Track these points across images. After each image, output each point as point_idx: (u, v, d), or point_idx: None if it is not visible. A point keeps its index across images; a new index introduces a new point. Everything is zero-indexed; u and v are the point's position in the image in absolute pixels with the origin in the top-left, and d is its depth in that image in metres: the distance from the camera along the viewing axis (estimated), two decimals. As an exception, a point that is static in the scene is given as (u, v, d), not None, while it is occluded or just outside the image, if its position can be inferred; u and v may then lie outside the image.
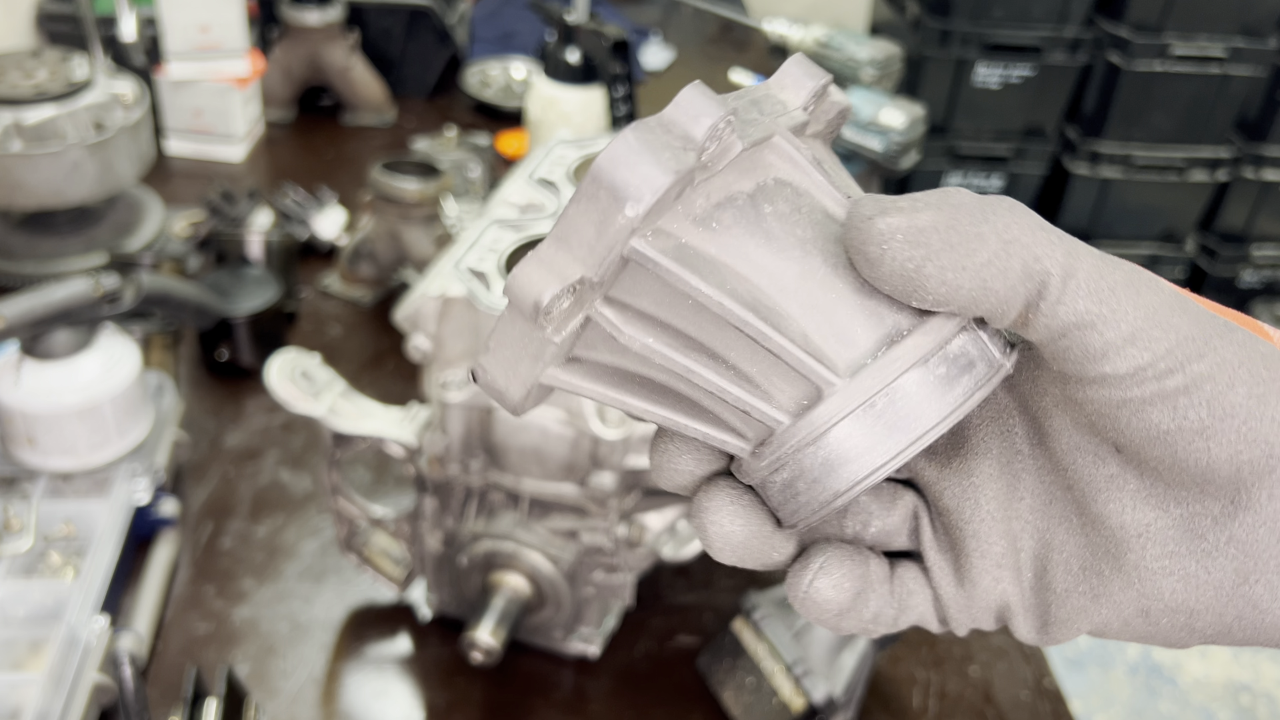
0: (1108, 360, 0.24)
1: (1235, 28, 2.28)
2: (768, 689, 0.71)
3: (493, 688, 0.75)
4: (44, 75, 1.05)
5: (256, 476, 0.90)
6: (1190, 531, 0.25)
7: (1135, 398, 0.24)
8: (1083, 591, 0.27)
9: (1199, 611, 0.26)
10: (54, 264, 1.09)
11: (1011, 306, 0.24)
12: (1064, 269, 0.24)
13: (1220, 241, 2.58)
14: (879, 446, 0.24)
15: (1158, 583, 0.26)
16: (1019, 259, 0.24)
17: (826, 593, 0.27)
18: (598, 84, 1.16)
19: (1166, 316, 0.24)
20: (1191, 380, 0.24)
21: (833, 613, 0.27)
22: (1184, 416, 0.24)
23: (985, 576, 0.28)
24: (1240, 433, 0.24)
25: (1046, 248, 0.24)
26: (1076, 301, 0.24)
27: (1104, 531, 0.26)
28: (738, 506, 0.27)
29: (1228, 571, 0.25)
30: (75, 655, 0.67)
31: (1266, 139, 2.43)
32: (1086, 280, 0.24)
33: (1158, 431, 0.24)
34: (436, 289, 0.64)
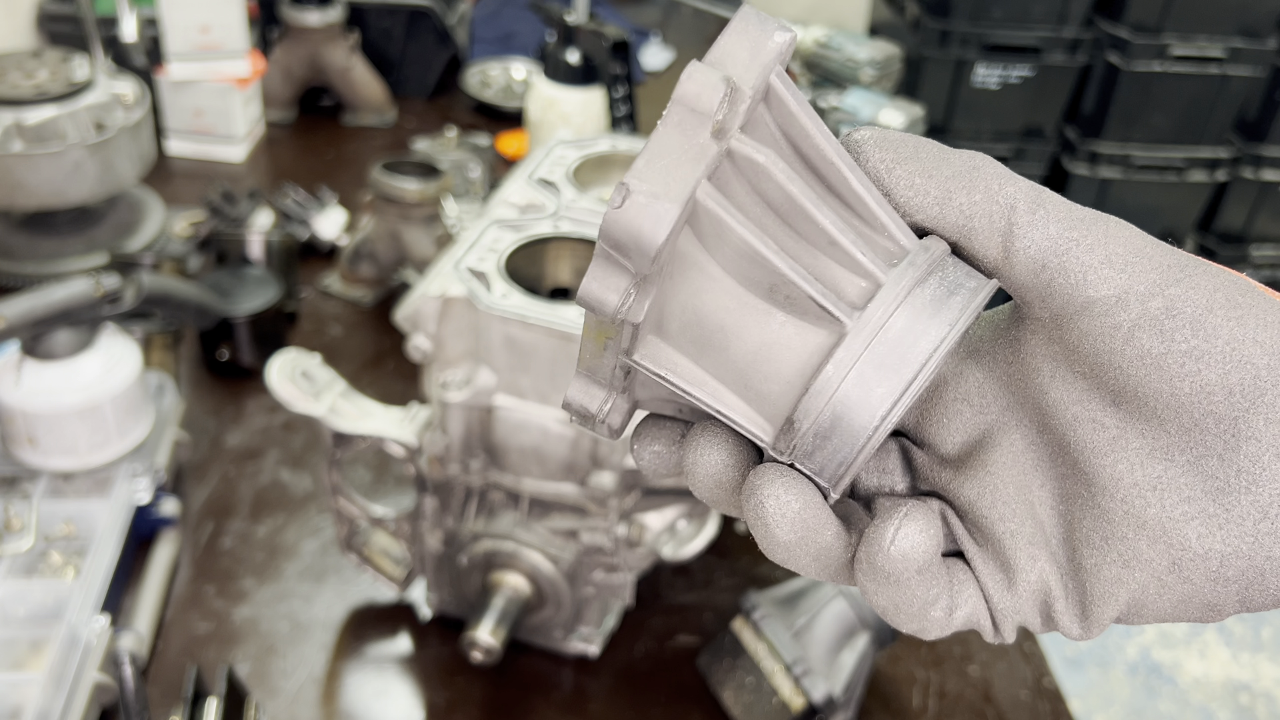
0: (1089, 284, 0.25)
1: (1234, 28, 2.28)
2: (767, 688, 0.71)
3: (493, 687, 0.75)
4: (45, 75, 1.05)
5: (257, 476, 0.90)
6: (1201, 473, 0.25)
7: (1124, 323, 0.25)
8: (1113, 560, 0.27)
9: (1229, 556, 0.26)
10: (55, 264, 1.09)
11: (977, 232, 0.26)
12: (1031, 199, 0.26)
13: (1219, 242, 2.58)
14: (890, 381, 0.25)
15: (1182, 530, 0.26)
16: (984, 183, 0.26)
17: (914, 539, 0.26)
18: (598, 85, 1.16)
19: (1139, 245, 0.25)
20: (1171, 303, 0.25)
21: (916, 566, 0.26)
22: (1171, 339, 0.25)
23: (1022, 557, 0.28)
24: (1225, 354, 0.24)
25: (1011, 181, 0.26)
26: (1049, 226, 0.25)
27: (1119, 495, 0.26)
28: (789, 479, 0.26)
29: (1246, 506, 0.25)
30: (76, 655, 0.67)
31: (1265, 139, 2.44)
32: (1055, 210, 0.25)
33: (1150, 357, 0.25)
34: (437, 289, 0.64)
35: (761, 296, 0.26)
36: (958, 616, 0.28)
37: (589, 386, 0.28)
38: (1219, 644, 1.92)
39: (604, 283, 0.24)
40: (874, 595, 0.27)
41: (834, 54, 1.17)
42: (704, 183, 0.24)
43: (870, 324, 0.25)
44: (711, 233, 0.25)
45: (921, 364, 0.25)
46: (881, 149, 0.26)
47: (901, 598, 0.27)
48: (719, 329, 0.26)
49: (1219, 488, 0.25)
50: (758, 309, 0.26)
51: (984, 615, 0.28)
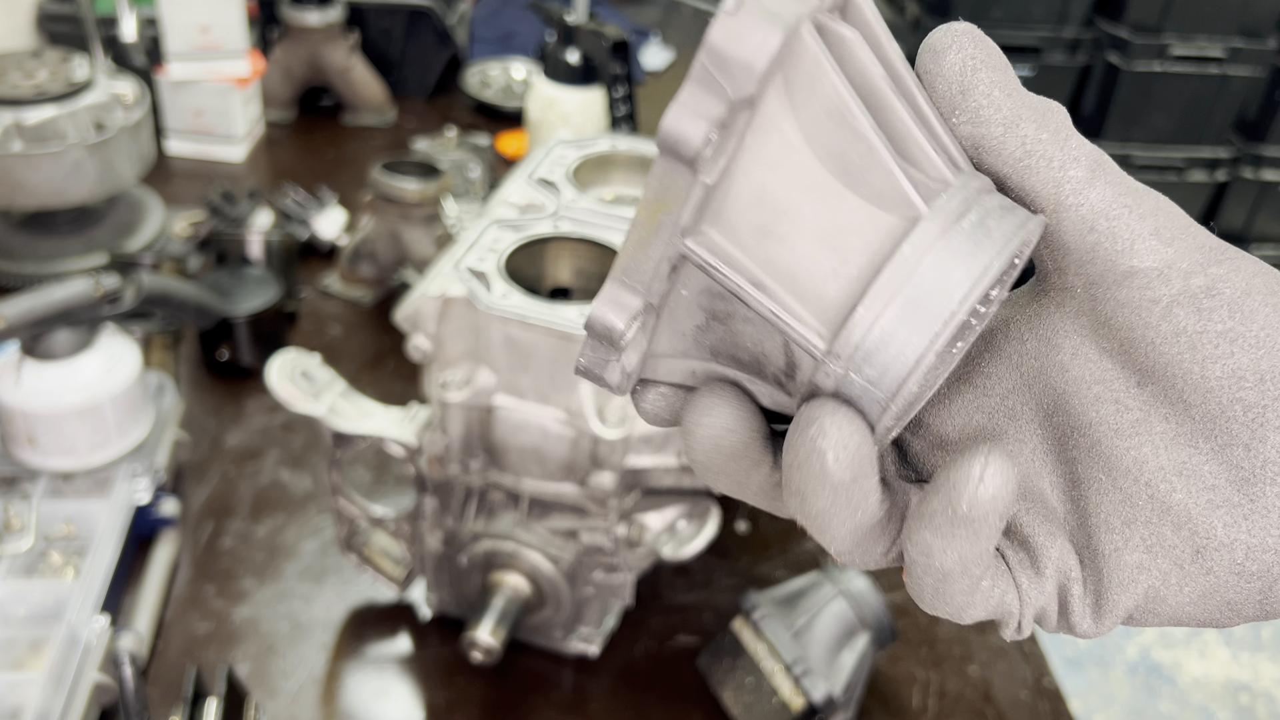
0: (1135, 254, 0.25)
1: (1234, 28, 2.28)
2: (767, 688, 0.71)
3: (493, 687, 0.75)
4: (45, 75, 1.05)
5: (257, 476, 0.90)
6: (1226, 462, 0.25)
7: (1163, 296, 0.24)
8: (1135, 545, 0.26)
9: (1254, 548, 0.25)
10: (54, 264, 1.09)
11: (1038, 168, 0.25)
12: (1093, 158, 0.25)
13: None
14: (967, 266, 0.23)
15: (1208, 519, 0.25)
16: (1054, 124, 0.25)
17: (1004, 475, 0.23)
18: (598, 84, 1.16)
19: (1185, 224, 0.25)
20: (1212, 281, 0.24)
21: (1003, 511, 0.24)
22: (1209, 318, 0.24)
23: (1041, 538, 0.27)
24: (1260, 339, 0.24)
25: (1078, 136, 0.26)
26: (1105, 189, 0.25)
27: (1141, 479, 0.26)
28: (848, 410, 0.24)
29: (1270, 498, 0.25)
30: (75, 655, 0.67)
31: (1265, 139, 2.44)
32: (1113, 174, 0.25)
33: (1185, 334, 0.24)
34: (437, 289, 0.64)
35: (837, 175, 0.24)
36: (994, 598, 0.26)
37: (621, 293, 0.25)
38: (1219, 644, 1.92)
39: (695, 109, 0.22)
40: (940, 554, 0.24)
41: (834, 54, 1.17)
42: (809, 29, 0.23)
43: (947, 212, 0.24)
44: (805, 82, 0.24)
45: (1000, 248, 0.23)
46: (975, 45, 0.26)
47: (973, 553, 0.24)
48: (786, 211, 0.24)
49: (1244, 478, 0.25)
50: (831, 190, 0.24)
51: (1015, 602, 0.27)
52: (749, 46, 0.22)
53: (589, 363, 0.26)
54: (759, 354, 0.26)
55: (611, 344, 0.25)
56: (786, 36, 0.22)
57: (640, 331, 0.26)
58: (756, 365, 0.26)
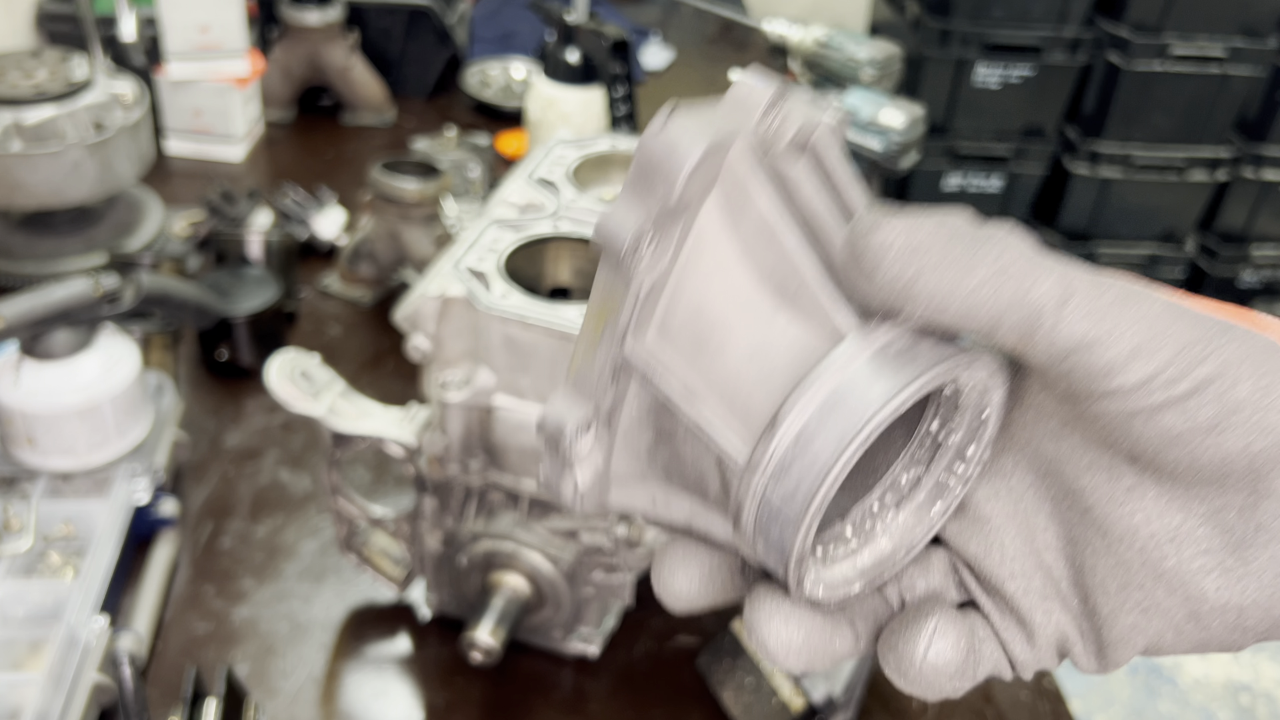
0: (1114, 376, 0.24)
1: (1235, 28, 2.28)
2: (767, 689, 0.71)
3: (492, 687, 0.75)
4: (44, 75, 1.05)
5: (256, 476, 0.90)
6: (1219, 527, 0.25)
7: (1146, 406, 0.24)
8: (1130, 608, 0.27)
9: (1247, 608, 0.26)
10: (54, 264, 1.09)
11: (1000, 330, 0.25)
12: (1059, 296, 0.24)
13: (1220, 241, 2.58)
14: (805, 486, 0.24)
15: (1200, 583, 0.26)
16: (1011, 286, 0.24)
17: (946, 654, 0.26)
18: (597, 84, 1.16)
19: (1166, 326, 0.25)
20: (1198, 384, 0.24)
21: (948, 676, 0.26)
22: (1194, 417, 0.24)
23: (1037, 613, 0.28)
24: (1250, 424, 0.24)
25: (1040, 274, 0.24)
26: (1075, 325, 0.24)
27: (1135, 544, 0.26)
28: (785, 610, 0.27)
29: (1264, 560, 0.25)
30: (75, 655, 0.67)
31: (1266, 139, 2.43)
32: (1083, 303, 0.24)
33: (1171, 435, 0.25)
34: (436, 289, 0.64)
35: (769, 292, 0.25)
36: (981, 673, 0.28)
37: (570, 399, 0.26)
38: (1219, 644, 1.92)
39: (626, 209, 0.23)
40: (909, 687, 0.27)
41: (834, 53, 1.17)
42: (740, 147, 0.24)
43: (873, 337, 0.24)
44: (738, 199, 0.24)
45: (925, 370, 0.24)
46: (907, 263, 0.24)
47: (947, 690, 0.27)
48: (720, 324, 0.25)
49: (1238, 541, 0.25)
50: (763, 306, 0.25)
51: (1005, 668, 0.28)
52: (675, 156, 0.23)
53: (547, 475, 0.26)
54: (700, 475, 0.26)
55: (563, 453, 0.25)
56: (710, 150, 0.23)
57: (595, 446, 0.26)
58: (701, 488, 0.26)
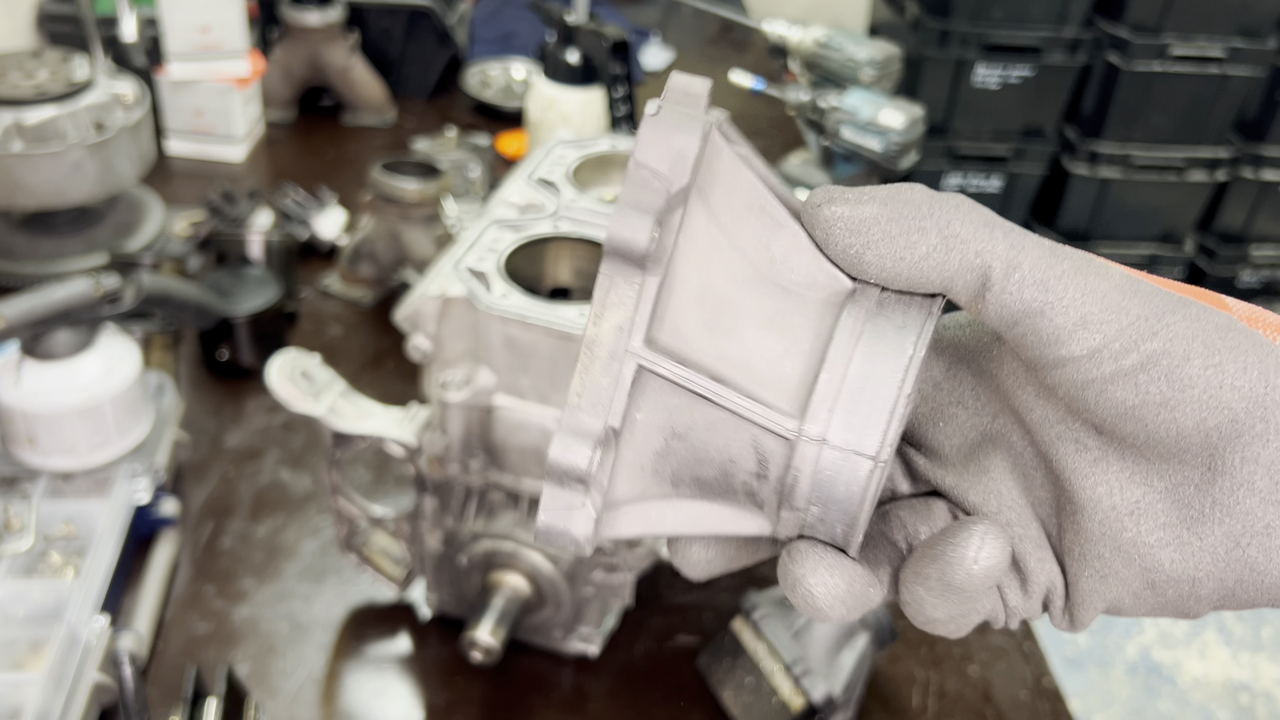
0: (1062, 344, 0.25)
1: (1234, 28, 2.28)
2: (767, 688, 0.71)
3: (492, 687, 0.75)
4: (45, 75, 1.05)
5: (257, 476, 0.90)
6: (1177, 501, 0.26)
7: (1097, 378, 0.25)
8: (1090, 575, 0.27)
9: (1200, 579, 0.26)
10: (54, 264, 1.09)
11: (952, 294, 0.25)
12: (1006, 262, 0.25)
13: (1219, 242, 2.58)
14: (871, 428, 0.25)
15: (1156, 555, 0.27)
16: (958, 253, 0.25)
17: (996, 556, 0.26)
18: (597, 85, 1.16)
19: (1117, 299, 0.25)
20: (1147, 357, 0.25)
21: (993, 583, 0.26)
22: (1145, 391, 0.25)
23: (1032, 560, 0.28)
24: (1201, 401, 0.25)
25: (988, 243, 0.25)
26: (1022, 291, 0.25)
27: (1097, 516, 0.27)
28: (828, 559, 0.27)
29: (1219, 535, 0.26)
30: (75, 655, 0.67)
31: (1265, 139, 2.44)
32: (1031, 271, 0.25)
33: (1124, 408, 0.25)
34: (436, 289, 0.64)
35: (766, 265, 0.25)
36: (975, 617, 0.29)
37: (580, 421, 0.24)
38: (1219, 644, 1.92)
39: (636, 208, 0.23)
40: (931, 608, 0.27)
41: (834, 54, 1.17)
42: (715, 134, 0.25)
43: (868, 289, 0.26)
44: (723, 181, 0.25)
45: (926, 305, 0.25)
46: (853, 235, 0.25)
47: (963, 611, 0.27)
48: (727, 305, 0.25)
49: (1194, 516, 0.26)
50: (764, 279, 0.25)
51: (1000, 613, 0.29)
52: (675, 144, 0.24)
53: (551, 518, 0.25)
54: (725, 463, 0.26)
55: (579, 481, 0.24)
56: (705, 135, 0.24)
57: (600, 469, 0.25)
58: (724, 479, 0.26)
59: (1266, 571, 0.26)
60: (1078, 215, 2.51)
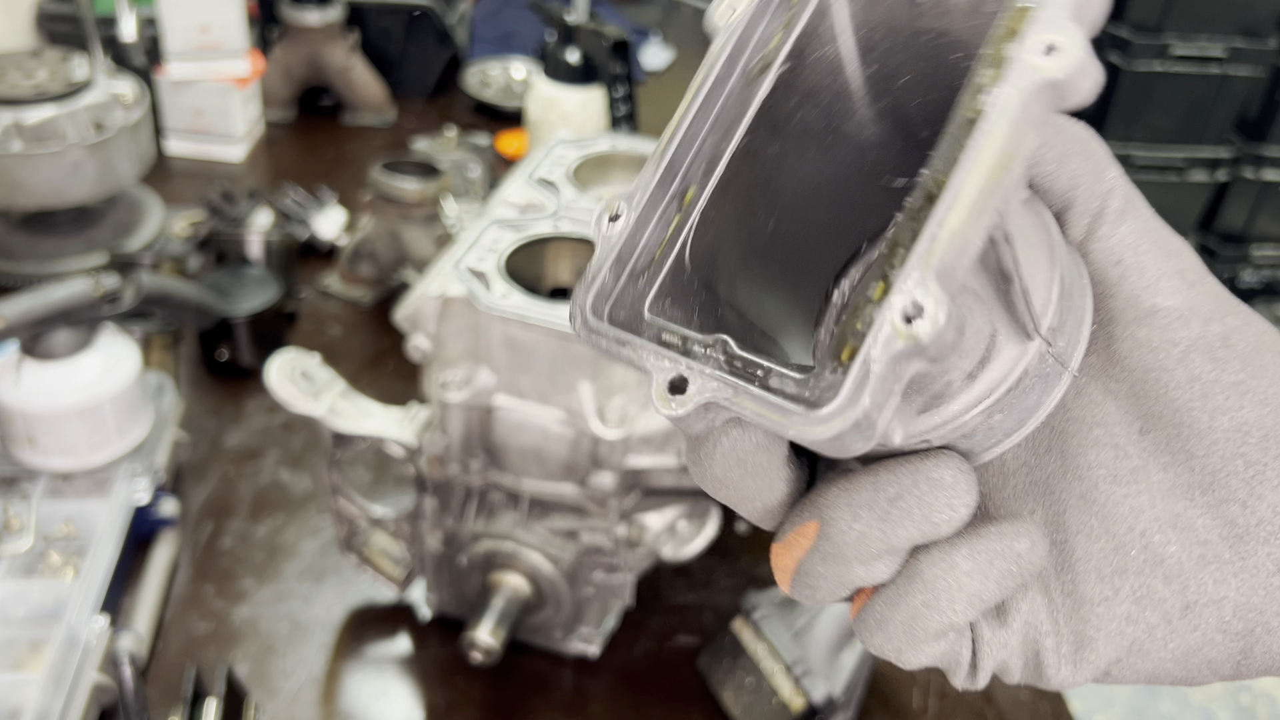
0: (1159, 291, 0.25)
1: (1235, 28, 2.28)
2: (767, 689, 0.71)
3: (492, 687, 0.75)
4: (44, 75, 1.05)
5: (256, 476, 0.90)
6: (1221, 517, 0.25)
7: (1182, 339, 0.24)
8: (1124, 596, 0.25)
9: (1241, 606, 0.25)
10: (54, 264, 1.09)
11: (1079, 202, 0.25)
12: (1125, 192, 0.26)
13: (1220, 241, 2.58)
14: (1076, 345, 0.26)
15: (1199, 574, 0.25)
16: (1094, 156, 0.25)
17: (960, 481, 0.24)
18: (598, 84, 1.16)
19: (1203, 269, 0.25)
20: (1228, 331, 0.24)
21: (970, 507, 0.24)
22: (1224, 368, 0.24)
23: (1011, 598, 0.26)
24: (1269, 396, 0.24)
25: (1115, 166, 0.26)
26: (1134, 223, 0.25)
27: (1138, 528, 0.25)
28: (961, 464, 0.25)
29: (1262, 556, 0.24)
30: (75, 655, 0.67)
31: (1266, 139, 2.44)
32: (1143, 210, 0.26)
33: (1200, 381, 0.24)
34: (436, 289, 0.64)
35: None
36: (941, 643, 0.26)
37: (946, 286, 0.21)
38: (1219, 644, 1.92)
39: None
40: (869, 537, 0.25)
41: (834, 53, 1.17)
42: None
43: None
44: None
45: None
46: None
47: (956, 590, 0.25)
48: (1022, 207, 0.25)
49: (1238, 534, 0.25)
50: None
51: (966, 649, 0.26)
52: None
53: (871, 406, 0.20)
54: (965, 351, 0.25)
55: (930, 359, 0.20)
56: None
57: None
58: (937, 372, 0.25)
59: None
60: (1078, 215, 2.51)
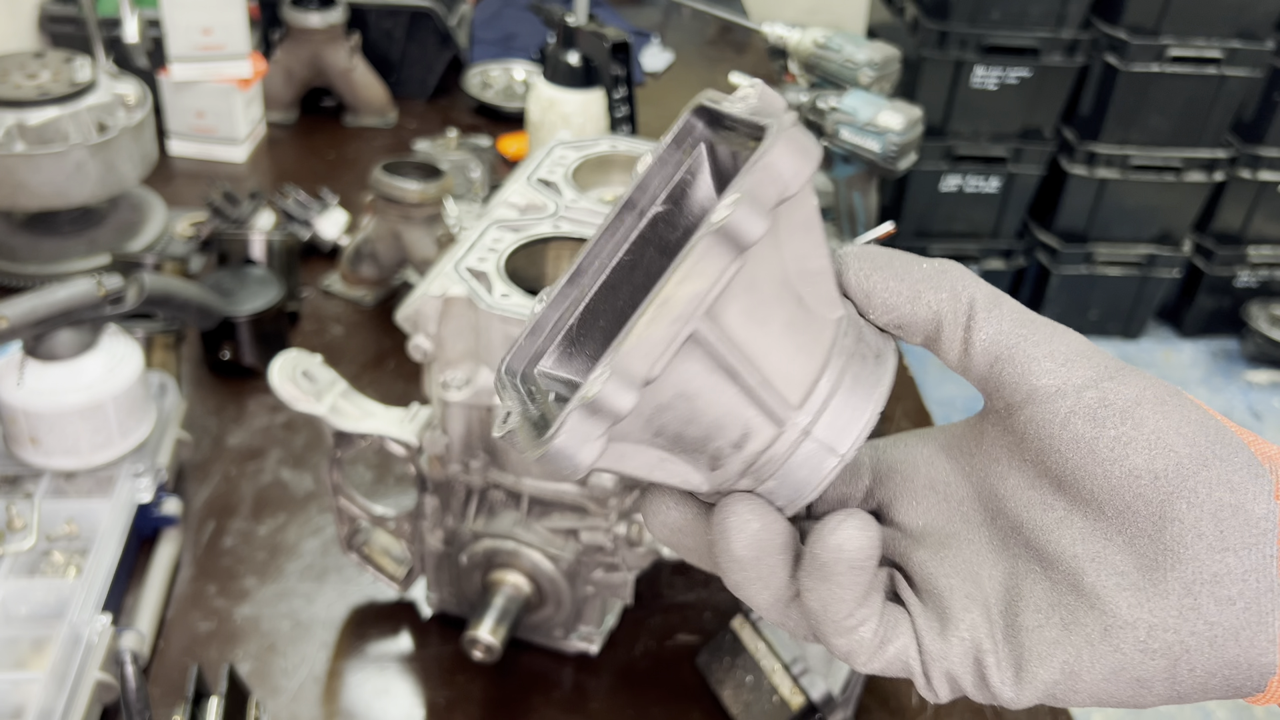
0: (1034, 375, 0.29)
1: (1232, 29, 2.29)
2: (766, 687, 0.72)
3: (493, 685, 0.75)
4: (47, 77, 1.05)
5: (258, 476, 0.91)
6: (1134, 551, 0.28)
7: (1061, 410, 0.28)
8: (1055, 623, 0.29)
9: (1155, 627, 0.28)
10: (57, 265, 1.10)
11: (946, 323, 0.30)
12: (989, 299, 0.29)
13: (1217, 242, 2.58)
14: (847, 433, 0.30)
15: (1115, 599, 0.28)
16: (949, 283, 0.30)
17: (850, 533, 0.29)
18: (598, 86, 1.17)
19: (1080, 346, 0.29)
20: (1104, 394, 0.28)
21: (849, 563, 0.29)
22: (1102, 426, 0.28)
23: (956, 608, 0.30)
24: (1151, 442, 0.28)
25: (974, 283, 0.30)
26: (1002, 323, 0.29)
27: (1062, 567, 0.29)
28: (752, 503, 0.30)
29: (1172, 582, 0.28)
30: (78, 654, 0.67)
31: (1263, 140, 2.44)
32: (1010, 309, 0.29)
33: (1084, 442, 0.28)
34: (438, 289, 0.64)
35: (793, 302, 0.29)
36: (889, 650, 0.30)
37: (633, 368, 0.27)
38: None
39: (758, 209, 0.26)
40: (809, 595, 0.29)
41: (833, 55, 1.18)
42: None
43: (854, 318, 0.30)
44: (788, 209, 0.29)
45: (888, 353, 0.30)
46: (860, 262, 0.30)
47: (831, 596, 0.29)
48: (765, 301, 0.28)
49: (1149, 564, 0.28)
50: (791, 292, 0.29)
51: (914, 657, 0.30)
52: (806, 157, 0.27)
53: (566, 443, 0.27)
54: (713, 428, 0.29)
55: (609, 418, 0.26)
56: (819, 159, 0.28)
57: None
58: (702, 441, 0.29)
59: (1218, 623, 0.27)
60: (1076, 216, 2.52)
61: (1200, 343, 2.77)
